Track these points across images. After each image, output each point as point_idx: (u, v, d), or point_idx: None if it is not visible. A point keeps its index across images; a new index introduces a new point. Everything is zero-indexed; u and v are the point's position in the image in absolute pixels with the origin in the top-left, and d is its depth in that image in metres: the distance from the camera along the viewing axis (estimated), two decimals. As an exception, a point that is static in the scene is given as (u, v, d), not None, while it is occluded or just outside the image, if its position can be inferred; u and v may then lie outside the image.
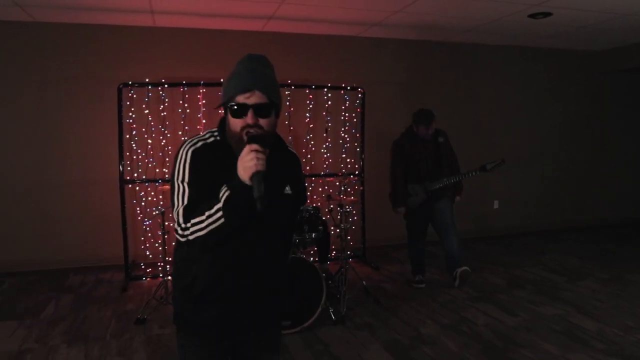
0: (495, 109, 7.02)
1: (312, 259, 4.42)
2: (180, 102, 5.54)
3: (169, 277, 4.35)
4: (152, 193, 5.54)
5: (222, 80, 5.30)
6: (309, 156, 6.03)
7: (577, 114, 7.53)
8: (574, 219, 7.66)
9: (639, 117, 8.00)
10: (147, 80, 5.31)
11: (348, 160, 6.17)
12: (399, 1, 4.91)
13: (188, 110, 5.56)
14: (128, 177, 5.34)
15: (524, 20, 5.65)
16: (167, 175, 5.52)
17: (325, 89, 5.88)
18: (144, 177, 5.45)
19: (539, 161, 7.38)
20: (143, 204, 5.52)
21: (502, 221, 7.26)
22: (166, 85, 5.35)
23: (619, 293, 4.69)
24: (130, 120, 5.43)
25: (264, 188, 1.48)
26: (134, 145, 5.47)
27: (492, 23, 5.76)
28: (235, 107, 1.56)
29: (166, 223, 4.49)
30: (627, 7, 5.10)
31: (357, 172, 6.00)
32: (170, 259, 5.13)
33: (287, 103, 5.79)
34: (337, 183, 5.99)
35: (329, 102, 6.00)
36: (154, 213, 5.21)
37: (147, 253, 5.52)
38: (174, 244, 1.76)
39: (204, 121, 5.54)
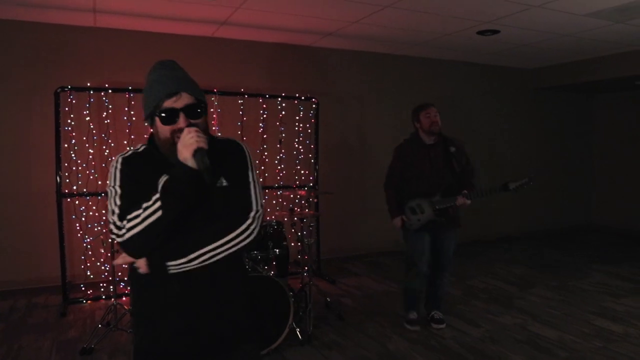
0: (446, 123, 7.16)
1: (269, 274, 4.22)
2: (126, 109, 5.16)
3: (113, 300, 3.99)
4: (94, 207, 5.09)
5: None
6: (262, 167, 5.83)
7: (516, 128, 7.88)
8: (521, 227, 7.98)
9: (571, 131, 8.53)
10: (88, 84, 4.90)
11: (302, 171, 6.03)
12: (355, 13, 4.89)
13: (134, 118, 5.18)
14: (66, 190, 4.88)
15: (473, 37, 5.83)
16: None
17: (279, 99, 5.72)
18: (84, 190, 4.99)
19: (485, 172, 7.63)
20: (83, 219, 5.06)
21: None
22: (110, 91, 4.96)
23: (567, 300, 4.88)
24: (69, 128, 4.97)
25: (208, 161, 1.44)
26: (73, 155, 5.00)
27: (444, 38, 5.89)
28: (164, 113, 1.50)
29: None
30: (564, 28, 5.41)
31: (311, 184, 5.87)
32: (123, 277, 4.75)
33: (240, 112, 5.58)
34: (291, 195, 5.84)
35: (283, 112, 5.85)
36: (103, 230, 4.79)
37: (88, 273, 5.06)
38: (125, 266, 1.63)
39: (151, 130, 5.17)
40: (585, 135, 8.75)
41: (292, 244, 5.05)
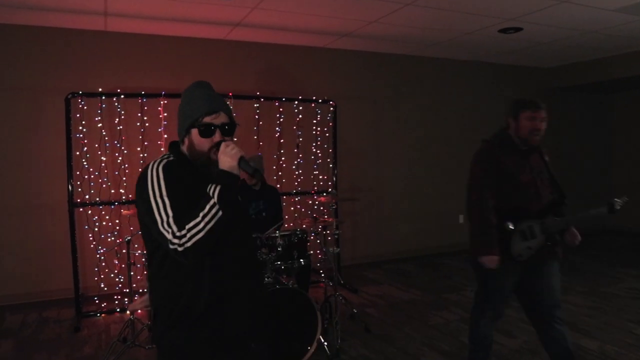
0: (462, 123, 7.00)
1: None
2: (139, 114, 4.98)
3: (130, 314, 3.79)
4: (107, 217, 4.91)
5: (185, 91, 4.91)
6: (279, 173, 5.65)
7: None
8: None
9: (589, 132, 8.32)
10: (100, 90, 4.73)
11: (320, 176, 5.85)
12: (374, 12, 4.73)
13: (147, 124, 5.01)
14: (78, 200, 4.70)
15: (494, 35, 5.65)
16: (124, 197, 4.93)
17: (296, 102, 5.55)
18: (97, 199, 4.82)
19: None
20: (96, 229, 4.88)
21: (467, 236, 7.18)
22: (122, 96, 4.79)
23: (603, 307, 4.66)
24: (81, 135, 4.80)
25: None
26: (85, 163, 4.83)
27: (464, 37, 5.71)
28: (204, 127, 1.65)
29: (132, 252, 3.92)
30: (591, 24, 5.23)
31: (330, 190, 5.68)
32: (137, 288, 4.56)
33: (256, 116, 5.40)
34: (309, 202, 5.66)
35: (300, 116, 5.67)
36: (117, 241, 4.61)
37: (102, 285, 4.87)
38: (146, 273, 1.60)
39: (165, 136, 5.01)
40: (604, 136, 8.54)
41: (311, 252, 4.86)
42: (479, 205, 2.90)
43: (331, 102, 5.58)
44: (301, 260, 3.83)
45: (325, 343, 3.66)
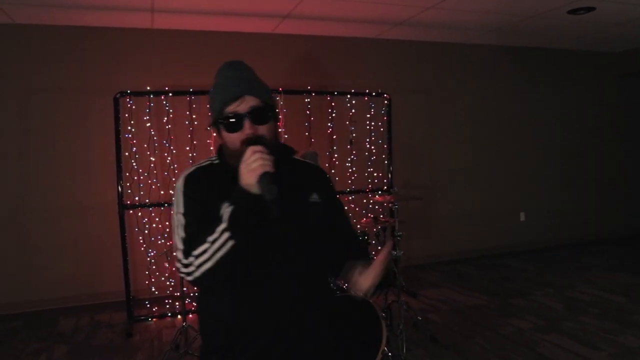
0: (525, 116, 6.55)
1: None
2: (187, 113, 4.84)
3: (183, 322, 3.63)
4: (157, 219, 4.80)
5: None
6: (332, 171, 5.40)
7: (601, 118, 7.12)
8: (602, 229, 7.21)
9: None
10: (148, 88, 4.61)
11: (375, 174, 5.55)
12: (434, -5, 4.40)
13: (196, 122, 4.86)
14: (128, 202, 4.60)
15: (561, 17, 5.20)
16: (173, 199, 4.79)
17: (349, 96, 5.27)
18: (147, 200, 4.71)
19: (569, 169, 6.94)
20: (146, 231, 4.77)
21: (529, 234, 6.74)
22: (170, 94, 4.64)
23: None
24: (130, 135, 4.70)
25: (276, 189, 1.26)
26: (134, 163, 4.72)
27: (528, 20, 5.29)
28: (228, 120, 1.38)
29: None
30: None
31: (385, 187, 5.38)
32: (189, 292, 4.41)
33: (307, 112, 5.17)
34: (364, 200, 5.38)
35: (353, 110, 5.39)
36: (167, 243, 4.48)
37: (153, 289, 4.76)
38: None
39: (214, 134, 4.83)
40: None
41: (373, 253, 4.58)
42: None
43: (385, 95, 5.27)
44: (363, 264, 3.56)
45: (390, 354, 3.38)
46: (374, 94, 5.27)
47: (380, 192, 5.15)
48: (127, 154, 4.65)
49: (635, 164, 7.42)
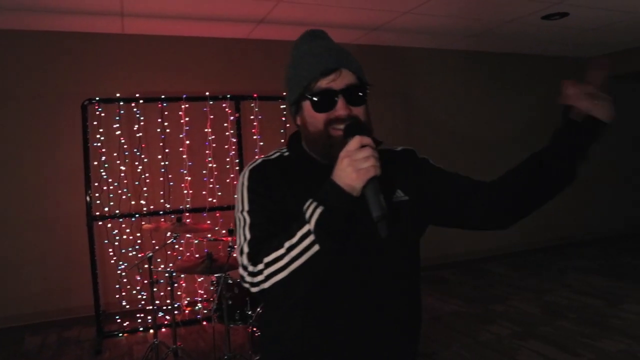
0: (500, 120, 6.57)
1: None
2: (159, 120, 4.70)
3: (154, 339, 3.49)
4: (128, 230, 4.63)
5: (207, 93, 4.61)
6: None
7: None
8: (580, 231, 7.26)
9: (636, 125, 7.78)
10: (117, 95, 4.46)
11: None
12: (410, 0, 4.36)
13: (168, 130, 4.73)
14: (97, 213, 4.43)
15: (537, 23, 5.23)
16: (145, 209, 4.64)
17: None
18: (117, 211, 4.54)
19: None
20: (117, 243, 4.60)
21: (509, 238, 6.74)
22: (141, 101, 4.50)
23: (672, 318, 4.20)
24: (99, 144, 4.54)
25: (385, 204, 0.99)
26: (103, 173, 4.56)
27: (503, 26, 5.30)
28: (319, 96, 1.11)
29: (154, 268, 3.62)
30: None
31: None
32: (161, 305, 4.25)
33: (283, 118, 5.08)
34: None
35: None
36: (138, 255, 4.33)
37: (123, 302, 4.59)
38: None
39: (187, 142, 4.71)
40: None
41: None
42: None
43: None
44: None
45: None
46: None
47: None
48: (95, 163, 4.48)
49: (610, 166, 7.51)
